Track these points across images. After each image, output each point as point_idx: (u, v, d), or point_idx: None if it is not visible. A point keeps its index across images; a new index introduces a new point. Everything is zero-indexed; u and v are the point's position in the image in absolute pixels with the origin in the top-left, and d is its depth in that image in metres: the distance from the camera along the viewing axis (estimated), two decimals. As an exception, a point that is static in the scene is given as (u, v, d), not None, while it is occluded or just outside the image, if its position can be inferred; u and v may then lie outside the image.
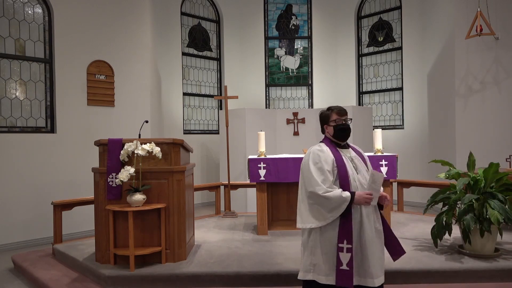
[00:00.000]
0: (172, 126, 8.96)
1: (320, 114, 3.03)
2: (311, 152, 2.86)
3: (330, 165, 2.77)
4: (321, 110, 3.07)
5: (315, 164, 2.77)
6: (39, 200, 6.26)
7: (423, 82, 8.73)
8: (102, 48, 7.01)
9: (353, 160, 2.89)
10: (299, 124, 8.38)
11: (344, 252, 2.66)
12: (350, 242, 2.67)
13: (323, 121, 2.99)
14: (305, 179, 2.80)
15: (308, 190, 2.75)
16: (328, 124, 2.95)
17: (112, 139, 4.29)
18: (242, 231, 5.68)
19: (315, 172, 2.74)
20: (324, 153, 2.82)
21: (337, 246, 2.67)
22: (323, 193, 2.67)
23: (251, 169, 5.40)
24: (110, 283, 3.96)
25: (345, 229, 2.69)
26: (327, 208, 2.69)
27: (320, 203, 2.71)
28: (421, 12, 8.84)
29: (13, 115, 6.34)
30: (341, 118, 2.92)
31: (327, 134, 2.99)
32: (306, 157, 2.86)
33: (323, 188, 2.68)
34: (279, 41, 10.37)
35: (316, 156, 2.80)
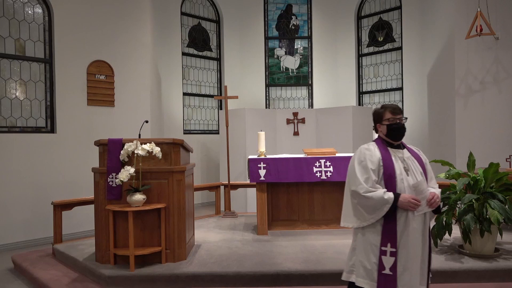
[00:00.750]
0: (172, 126, 8.96)
1: (373, 113, 2.87)
2: (358, 150, 2.75)
3: (376, 163, 2.63)
4: (374, 108, 2.92)
5: (359, 162, 2.66)
6: (39, 200, 6.25)
7: (423, 82, 8.73)
8: (102, 48, 7.01)
9: (404, 161, 2.69)
10: (299, 124, 8.38)
11: (388, 256, 2.53)
12: (394, 245, 2.54)
13: (376, 119, 2.83)
14: (349, 177, 2.70)
15: (351, 188, 2.65)
16: (381, 123, 2.79)
17: (112, 139, 4.28)
18: (242, 231, 5.68)
19: (359, 171, 2.63)
20: (371, 151, 2.69)
21: (380, 249, 2.55)
22: (364, 192, 2.56)
23: (251, 169, 5.40)
24: (110, 283, 3.96)
25: (389, 232, 2.56)
26: (367, 208, 2.57)
27: (361, 202, 2.59)
28: (421, 12, 8.84)
29: (13, 115, 6.34)
30: (395, 117, 2.74)
31: (379, 133, 2.83)
32: (354, 156, 2.76)
33: (364, 187, 2.57)
34: (279, 41, 10.37)
35: (362, 154, 2.69)
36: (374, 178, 2.61)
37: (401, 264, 2.55)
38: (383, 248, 2.55)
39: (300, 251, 4.59)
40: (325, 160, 5.39)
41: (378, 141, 2.80)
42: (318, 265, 4.09)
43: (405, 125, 2.77)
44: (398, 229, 2.56)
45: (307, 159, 5.40)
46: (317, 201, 5.70)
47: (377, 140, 2.82)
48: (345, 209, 2.75)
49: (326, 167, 5.38)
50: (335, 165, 5.37)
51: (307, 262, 4.19)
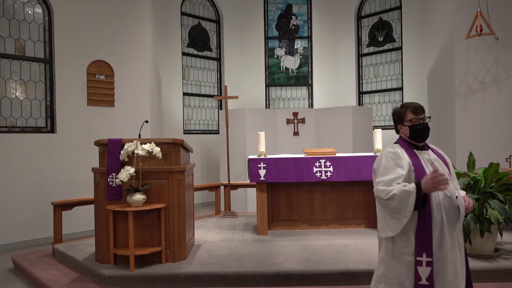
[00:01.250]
0: (172, 126, 8.96)
1: (393, 113, 2.68)
2: (383, 154, 2.53)
3: (406, 169, 2.42)
4: (394, 108, 2.71)
5: (385, 166, 2.46)
6: (39, 200, 6.25)
7: (423, 82, 8.73)
8: (102, 48, 7.01)
9: (433, 163, 2.51)
10: (299, 124, 8.38)
11: (424, 266, 2.34)
12: (430, 255, 2.34)
13: (397, 120, 2.63)
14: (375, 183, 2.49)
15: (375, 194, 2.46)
16: (402, 124, 2.59)
17: (112, 139, 4.28)
18: (242, 231, 5.68)
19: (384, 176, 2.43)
20: (398, 154, 2.49)
21: (415, 259, 2.36)
22: (386, 196, 2.35)
23: (251, 169, 5.40)
24: (110, 283, 3.96)
25: (424, 241, 2.35)
26: (395, 209, 2.35)
27: (387, 206, 2.37)
28: (421, 12, 8.84)
29: (13, 115, 6.33)
30: (417, 117, 2.54)
31: (401, 134, 2.64)
32: (378, 160, 2.55)
33: (386, 190, 2.36)
34: (279, 41, 10.37)
35: (388, 157, 2.49)
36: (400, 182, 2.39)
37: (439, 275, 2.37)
38: (418, 258, 2.37)
39: (300, 251, 4.59)
40: (325, 160, 5.39)
41: (401, 142, 2.60)
42: (318, 265, 4.09)
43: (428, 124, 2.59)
44: (433, 238, 2.36)
45: (307, 159, 5.40)
46: (317, 201, 5.70)
47: (400, 141, 2.62)
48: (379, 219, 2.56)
49: (326, 167, 5.38)
50: (335, 165, 5.37)
51: (307, 262, 4.19)
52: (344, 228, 5.68)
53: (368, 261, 4.14)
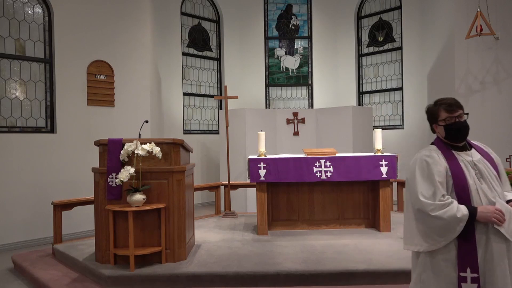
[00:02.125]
0: (172, 126, 8.96)
1: (427, 111, 2.42)
2: (418, 159, 2.30)
3: (443, 174, 2.21)
4: (427, 105, 2.43)
5: (422, 174, 2.23)
6: (39, 200, 6.25)
7: (423, 82, 8.73)
8: (102, 48, 7.01)
9: (475, 165, 2.25)
10: (299, 124, 8.38)
11: (469, 283, 2.12)
12: (475, 270, 2.12)
13: (431, 119, 2.39)
14: (411, 193, 2.26)
15: (415, 207, 2.22)
16: (437, 124, 2.35)
17: (112, 139, 4.29)
18: (242, 231, 5.68)
19: (423, 185, 2.20)
20: (434, 158, 2.26)
21: (458, 276, 2.14)
22: (434, 212, 2.13)
23: (251, 169, 5.40)
24: (110, 283, 3.96)
25: (468, 255, 2.13)
26: (437, 229, 2.15)
27: (430, 223, 2.16)
28: (421, 12, 8.84)
29: (13, 115, 6.33)
30: (452, 116, 2.28)
31: (438, 134, 2.40)
32: (412, 166, 2.32)
33: (433, 205, 2.14)
34: (279, 41, 10.36)
35: (423, 163, 2.26)
36: (443, 192, 2.19)
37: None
38: (462, 274, 2.14)
39: (300, 251, 4.59)
40: (325, 160, 5.39)
41: (438, 143, 2.36)
42: (318, 265, 4.09)
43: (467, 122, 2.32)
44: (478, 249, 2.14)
45: (307, 159, 5.40)
46: (317, 201, 5.70)
47: (437, 142, 2.38)
48: (408, 230, 2.31)
49: (326, 167, 5.38)
50: (335, 165, 5.37)
51: (307, 262, 4.19)
52: (344, 228, 5.68)
53: (368, 261, 4.14)
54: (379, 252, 4.46)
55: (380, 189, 5.45)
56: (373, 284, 3.90)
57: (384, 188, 5.46)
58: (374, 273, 3.93)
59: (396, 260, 4.16)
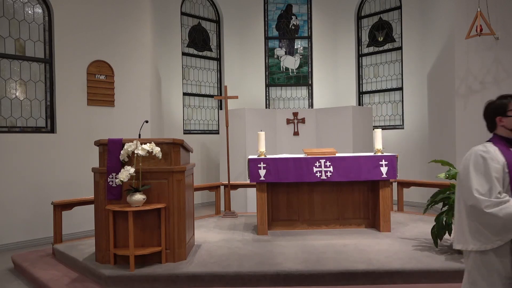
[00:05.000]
0: (172, 126, 8.96)
1: (490, 105, 2.35)
2: (473, 154, 2.23)
3: (500, 170, 2.14)
4: (489, 101, 2.38)
5: (477, 169, 2.15)
6: (39, 200, 6.25)
7: (423, 82, 8.73)
8: (102, 48, 7.01)
9: None
10: (299, 124, 8.38)
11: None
12: None
13: (497, 112, 2.29)
14: (464, 189, 2.18)
15: (468, 203, 2.13)
16: (505, 115, 2.27)
17: (112, 139, 4.29)
18: (242, 231, 5.68)
19: (478, 181, 2.12)
20: (491, 154, 2.18)
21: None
22: (487, 208, 2.05)
23: (251, 169, 5.40)
24: (110, 283, 3.96)
25: None
26: (493, 228, 2.07)
27: (484, 221, 2.09)
28: (421, 12, 8.84)
29: (13, 115, 6.33)
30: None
31: (499, 130, 2.31)
32: (465, 161, 2.24)
33: (489, 201, 2.06)
34: (279, 41, 10.36)
35: (479, 158, 2.18)
36: (499, 189, 2.11)
37: None
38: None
39: (300, 251, 4.59)
40: (325, 160, 5.39)
41: (496, 140, 2.30)
42: (318, 265, 4.09)
43: None
44: None
45: (307, 159, 5.40)
46: (317, 201, 5.71)
47: (494, 139, 2.31)
48: (460, 228, 2.23)
49: (326, 167, 5.38)
50: (335, 165, 5.37)
51: (307, 262, 4.19)
52: (344, 228, 5.68)
53: (368, 261, 4.14)
54: (379, 252, 4.46)
55: (380, 189, 5.45)
56: (373, 284, 3.90)
57: (384, 188, 5.46)
58: (374, 273, 3.93)
59: (396, 260, 4.16)
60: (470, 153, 2.26)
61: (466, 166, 2.21)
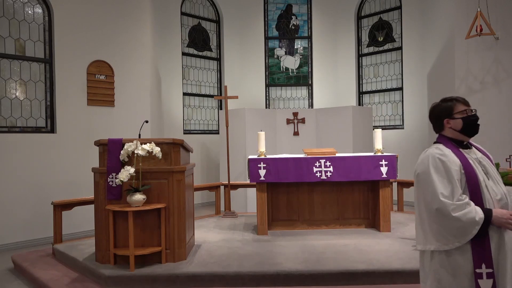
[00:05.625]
0: (172, 126, 8.96)
1: (436, 107, 2.40)
2: (429, 156, 2.24)
3: (458, 172, 2.18)
4: (433, 104, 2.43)
5: (438, 172, 2.18)
6: (39, 200, 6.25)
7: (423, 82, 8.73)
8: (102, 48, 7.01)
9: (480, 163, 2.27)
10: (299, 124, 8.38)
11: (484, 279, 2.12)
12: (490, 265, 2.13)
13: (444, 114, 2.34)
14: (427, 192, 2.19)
15: (434, 207, 2.15)
16: (451, 117, 2.32)
17: (112, 139, 4.29)
18: (242, 231, 5.68)
19: (441, 184, 2.15)
20: (448, 157, 2.21)
21: (475, 272, 2.14)
22: (455, 213, 2.11)
23: (251, 169, 5.40)
24: (110, 283, 3.96)
25: (482, 251, 2.14)
26: (453, 231, 2.13)
27: (447, 224, 2.13)
28: (421, 12, 8.84)
29: (13, 115, 6.33)
30: (470, 108, 2.33)
31: (446, 132, 2.36)
32: (422, 165, 2.25)
33: (454, 204, 2.11)
34: (279, 41, 10.36)
35: (437, 162, 2.20)
36: (460, 191, 2.16)
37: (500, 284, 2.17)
38: (477, 270, 2.14)
39: (300, 251, 4.59)
40: (325, 160, 5.39)
41: (445, 141, 2.33)
42: (318, 265, 4.09)
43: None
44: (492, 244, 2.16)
45: (307, 159, 5.40)
46: (317, 201, 5.70)
47: (443, 140, 2.35)
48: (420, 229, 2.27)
49: (326, 167, 5.38)
50: (335, 165, 5.37)
51: (307, 262, 4.19)
52: (344, 228, 5.68)
53: (368, 261, 4.14)
54: (379, 252, 4.46)
55: (380, 189, 5.45)
56: (373, 284, 3.90)
57: (384, 188, 5.46)
58: (374, 273, 3.93)
59: (396, 260, 4.16)
60: (426, 155, 2.28)
61: (426, 170, 2.22)
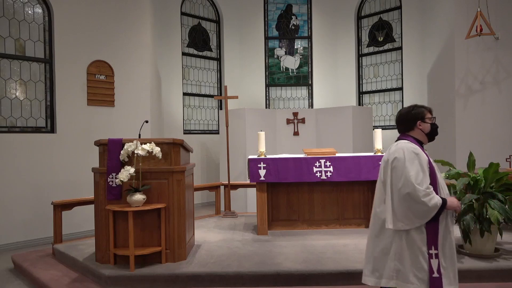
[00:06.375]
0: (172, 126, 8.96)
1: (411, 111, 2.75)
2: (405, 149, 2.59)
3: (426, 167, 2.56)
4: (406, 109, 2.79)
5: (413, 163, 2.53)
6: (39, 200, 6.25)
7: (423, 82, 8.73)
8: (102, 48, 7.01)
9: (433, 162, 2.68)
10: (299, 124, 8.38)
11: (434, 259, 2.53)
12: (436, 247, 2.54)
13: (417, 117, 2.72)
14: (401, 178, 2.53)
15: (405, 191, 2.50)
16: (423, 121, 2.72)
17: (112, 139, 4.29)
18: (242, 231, 5.68)
19: (414, 172, 2.51)
20: (419, 151, 2.59)
21: (428, 253, 2.53)
22: (424, 198, 2.47)
23: (251, 169, 5.40)
24: (110, 283, 3.96)
25: (433, 234, 2.54)
26: (418, 213, 2.51)
27: (414, 207, 2.50)
28: (421, 12, 8.84)
29: (13, 115, 6.33)
30: (433, 117, 2.77)
31: (415, 133, 2.75)
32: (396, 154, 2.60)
33: (424, 191, 2.48)
34: (279, 41, 10.36)
35: (412, 154, 2.56)
36: (429, 181, 2.54)
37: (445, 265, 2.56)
38: (430, 251, 2.53)
39: (300, 251, 4.59)
40: (325, 160, 5.39)
41: (411, 140, 2.70)
42: (318, 265, 4.09)
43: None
44: (440, 232, 2.56)
45: (307, 159, 5.40)
46: (317, 201, 5.70)
47: (409, 139, 2.71)
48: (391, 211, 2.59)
49: (326, 167, 5.38)
50: (335, 165, 5.37)
51: (307, 262, 4.19)
52: (344, 228, 5.68)
53: (368, 261, 4.14)
54: (379, 252, 4.46)
55: (380, 189, 5.44)
56: (373, 284, 3.90)
57: (384, 188, 5.45)
58: (374, 273, 3.92)
59: (396, 260, 4.15)
60: (399, 147, 2.63)
61: (402, 160, 2.56)
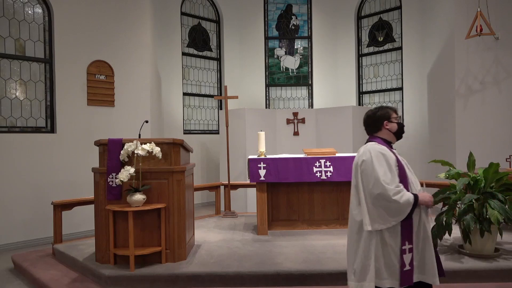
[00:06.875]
0: (172, 126, 8.96)
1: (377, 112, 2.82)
2: (372, 150, 2.65)
3: (394, 165, 2.63)
4: (372, 111, 2.85)
5: (380, 164, 2.59)
6: (39, 200, 6.25)
7: (423, 82, 8.73)
8: (102, 48, 7.01)
9: (403, 160, 2.75)
10: (299, 124, 8.38)
11: (407, 254, 2.60)
12: (411, 242, 2.62)
13: (384, 117, 2.79)
14: (370, 179, 2.58)
15: (376, 192, 2.55)
16: (390, 121, 2.79)
17: (112, 139, 4.29)
18: (242, 231, 5.68)
19: (382, 173, 2.56)
20: (386, 151, 2.66)
21: (401, 249, 2.60)
22: (394, 196, 2.52)
23: (251, 169, 5.40)
24: (110, 283, 3.96)
25: (407, 230, 2.61)
26: (392, 211, 2.56)
27: (387, 206, 2.55)
28: (421, 12, 8.84)
29: (13, 115, 6.33)
30: (398, 116, 2.85)
31: (382, 133, 2.81)
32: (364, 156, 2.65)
33: (393, 190, 2.53)
34: (279, 41, 10.36)
35: (379, 155, 2.62)
36: (398, 180, 2.60)
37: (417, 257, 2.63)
38: (403, 247, 2.60)
39: (300, 251, 4.59)
40: (325, 160, 5.39)
41: (379, 141, 2.76)
42: (318, 265, 4.09)
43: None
44: (414, 226, 2.62)
45: (307, 159, 5.40)
46: (317, 201, 5.70)
47: (377, 140, 2.77)
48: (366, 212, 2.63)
49: (326, 167, 5.38)
50: (335, 165, 5.37)
51: (307, 262, 4.19)
52: (344, 228, 5.67)
53: (368, 261, 4.14)
54: (379, 252, 4.46)
55: (380, 189, 5.44)
56: (373, 284, 3.89)
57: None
58: (374, 273, 3.92)
59: (396, 260, 4.15)
60: (367, 149, 2.67)
61: (369, 162, 2.61)
